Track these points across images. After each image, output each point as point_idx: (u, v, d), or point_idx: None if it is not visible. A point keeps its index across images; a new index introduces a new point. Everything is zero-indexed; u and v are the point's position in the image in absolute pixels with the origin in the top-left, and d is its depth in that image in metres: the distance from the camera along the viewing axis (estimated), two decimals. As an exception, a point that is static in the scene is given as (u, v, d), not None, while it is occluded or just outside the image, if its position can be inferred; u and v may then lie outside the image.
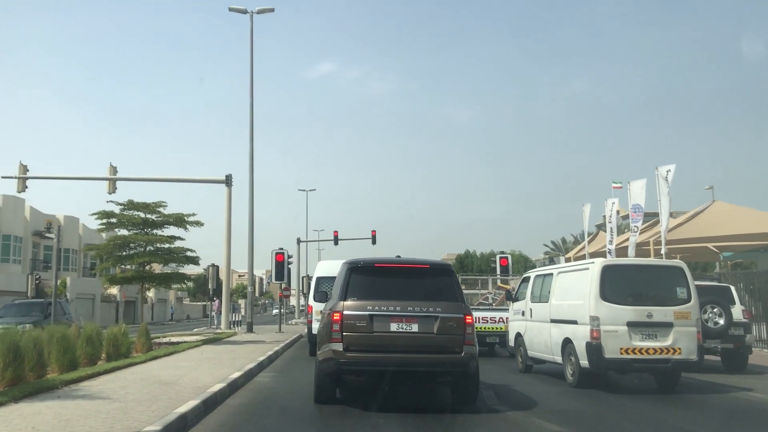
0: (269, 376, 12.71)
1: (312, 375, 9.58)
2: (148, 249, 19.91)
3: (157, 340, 21.88)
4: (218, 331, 28.10)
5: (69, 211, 57.41)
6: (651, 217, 27.41)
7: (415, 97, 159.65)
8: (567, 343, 11.85)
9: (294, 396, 10.12)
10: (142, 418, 7.11)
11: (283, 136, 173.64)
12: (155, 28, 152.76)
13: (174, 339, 22.69)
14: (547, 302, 12.94)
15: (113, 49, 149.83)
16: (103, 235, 22.30)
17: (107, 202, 21.50)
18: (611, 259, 12.47)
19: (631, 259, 15.26)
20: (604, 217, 29.43)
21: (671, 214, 22.05)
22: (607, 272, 11.30)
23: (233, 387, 10.35)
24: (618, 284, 11.32)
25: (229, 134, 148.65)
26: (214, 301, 35.84)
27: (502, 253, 26.79)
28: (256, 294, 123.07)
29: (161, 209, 19.97)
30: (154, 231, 20.20)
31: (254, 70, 27.66)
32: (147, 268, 20.28)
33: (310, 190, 63.54)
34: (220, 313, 35.91)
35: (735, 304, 14.57)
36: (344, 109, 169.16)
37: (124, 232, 20.30)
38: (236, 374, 11.32)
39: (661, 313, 11.01)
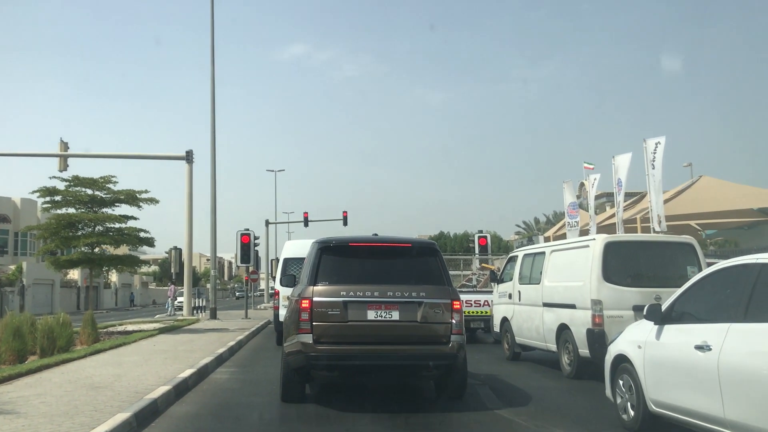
0: (228, 372, 11.20)
1: (279, 369, 8.38)
2: (97, 229, 18.17)
3: (110, 329, 20.32)
4: (179, 317, 26.46)
5: (27, 194, 54.69)
6: (629, 196, 26.49)
7: (388, 79, 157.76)
8: (563, 329, 10.69)
9: (256, 395, 8.83)
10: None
11: (252, 117, 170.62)
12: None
13: (130, 327, 21.05)
14: (538, 284, 11.74)
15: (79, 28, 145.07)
16: (38, 215, 20.48)
17: (50, 178, 19.71)
18: (615, 236, 11.17)
19: (636, 235, 14.04)
20: (578, 197, 28.43)
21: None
22: (611, 250, 10.02)
23: (181, 389, 8.77)
24: (622, 263, 10.09)
25: (194, 115, 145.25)
26: (169, 286, 34.39)
27: (480, 232, 25.46)
28: (225, 278, 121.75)
29: (111, 185, 18.22)
30: (104, 209, 18.46)
31: (225, 52, 25.85)
32: (96, 250, 18.53)
33: (279, 171, 61.58)
34: (176, 299, 34.31)
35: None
36: (316, 91, 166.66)
37: (72, 210, 18.52)
38: (187, 372, 9.75)
39: (670, 295, 9.71)
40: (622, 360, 6.74)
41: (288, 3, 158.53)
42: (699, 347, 5.33)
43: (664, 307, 6.22)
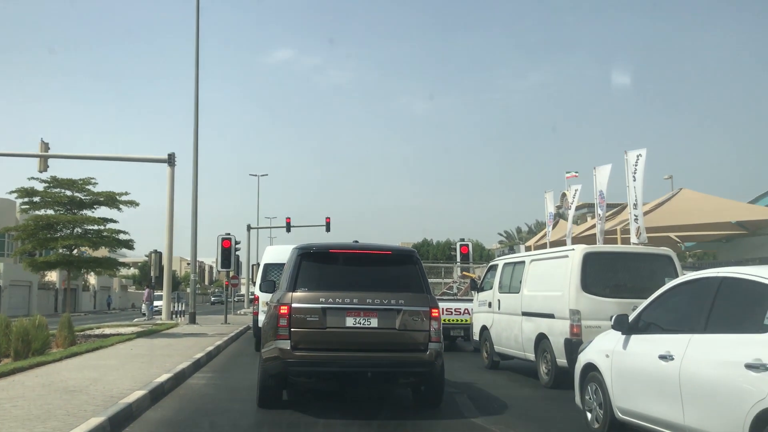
0: (206, 378, 11.10)
1: (257, 374, 8.35)
2: (75, 231, 17.95)
3: (88, 332, 20.03)
4: (158, 322, 26.21)
5: (4, 194, 53.98)
6: (609, 208, 26.64)
7: (374, 86, 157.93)
8: (541, 339, 10.72)
9: (233, 401, 8.79)
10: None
11: (237, 121, 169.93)
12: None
13: (108, 330, 20.78)
14: (518, 293, 11.77)
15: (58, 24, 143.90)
16: (17, 216, 20.18)
17: (29, 179, 19.47)
18: (594, 246, 11.25)
19: (615, 246, 14.11)
20: (557, 207, 28.55)
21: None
22: (590, 260, 10.09)
23: (157, 394, 8.67)
24: (601, 274, 10.16)
25: (177, 118, 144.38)
26: (146, 289, 33.93)
27: (462, 240, 25.51)
28: (205, 282, 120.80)
29: (90, 187, 18.01)
30: (83, 211, 18.23)
31: (210, 55, 25.75)
32: (75, 252, 18.29)
33: (262, 175, 61.24)
34: (152, 303, 33.95)
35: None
36: (301, 96, 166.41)
37: (51, 212, 18.27)
38: (164, 377, 9.66)
39: (648, 306, 9.81)
40: (590, 368, 6.89)
41: (275, 8, 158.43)
42: (663, 357, 5.51)
43: (631, 318, 6.39)
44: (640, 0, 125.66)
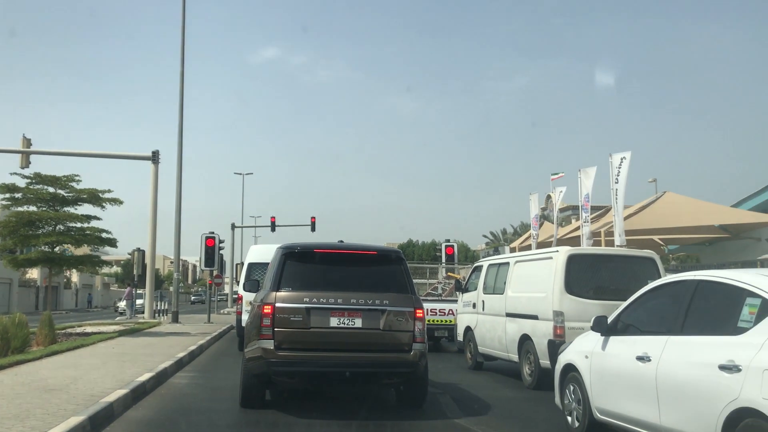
0: (188, 377, 11.02)
1: (240, 374, 8.28)
2: (57, 228, 17.77)
3: (69, 330, 19.87)
4: (141, 320, 26.02)
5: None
6: (594, 210, 26.79)
7: (361, 86, 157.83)
8: (525, 340, 10.74)
9: (215, 401, 8.73)
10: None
11: (222, 120, 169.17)
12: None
13: (90, 329, 20.59)
14: (502, 294, 11.79)
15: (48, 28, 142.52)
16: (-1, 210, 19.97)
17: (10, 174, 19.21)
18: (577, 248, 11.30)
19: (598, 249, 14.21)
20: (542, 209, 28.63)
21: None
22: (573, 262, 10.13)
23: (138, 393, 8.60)
24: (585, 276, 10.20)
25: (161, 116, 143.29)
26: (127, 288, 33.66)
27: (447, 241, 25.53)
28: (189, 281, 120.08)
29: (74, 184, 17.83)
30: (66, 208, 18.06)
31: (196, 51, 25.62)
32: (57, 249, 18.11)
33: (247, 174, 61.15)
34: (133, 302, 33.73)
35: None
36: (287, 95, 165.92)
37: (33, 208, 18.07)
38: (146, 376, 9.57)
39: (630, 308, 9.85)
40: (570, 369, 6.97)
41: (263, 6, 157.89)
42: (640, 358, 5.60)
43: (610, 320, 6.47)
44: (625, 3, 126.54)
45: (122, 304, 38.70)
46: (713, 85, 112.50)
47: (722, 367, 4.65)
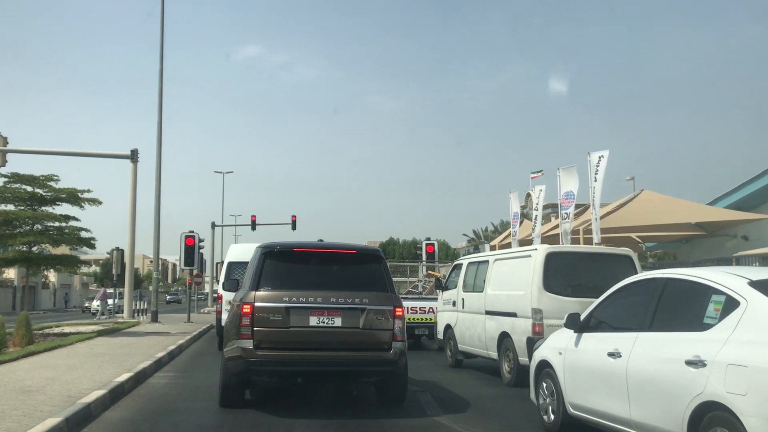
0: (167, 377, 10.97)
1: (219, 374, 8.27)
2: (35, 228, 17.56)
3: (47, 331, 19.64)
4: (120, 320, 25.80)
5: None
6: (576, 207, 26.96)
7: (341, 84, 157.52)
8: (504, 337, 10.82)
9: (195, 401, 8.70)
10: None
11: (202, 118, 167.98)
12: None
13: (68, 329, 20.38)
14: (481, 292, 11.87)
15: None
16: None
17: (-13, 172, 19.01)
18: (556, 246, 11.38)
19: (576, 246, 14.32)
20: (522, 207, 28.77)
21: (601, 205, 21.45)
22: (552, 260, 10.22)
23: (117, 394, 8.56)
24: (563, 274, 10.29)
25: (141, 114, 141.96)
26: (100, 288, 33.28)
27: (428, 239, 25.59)
28: (169, 281, 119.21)
29: (52, 183, 17.62)
30: (44, 208, 17.83)
31: (177, 49, 25.47)
32: (35, 249, 17.89)
33: (227, 173, 60.74)
34: (106, 302, 33.41)
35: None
36: (268, 94, 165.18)
37: (11, 207, 17.83)
38: (124, 376, 9.52)
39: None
40: (545, 365, 7.10)
41: (244, 3, 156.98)
42: (611, 354, 5.74)
43: (582, 317, 6.60)
44: (604, 4, 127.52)
45: (95, 304, 38.19)
46: (688, 85, 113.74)
47: (689, 363, 4.78)
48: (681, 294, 5.47)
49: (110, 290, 34.82)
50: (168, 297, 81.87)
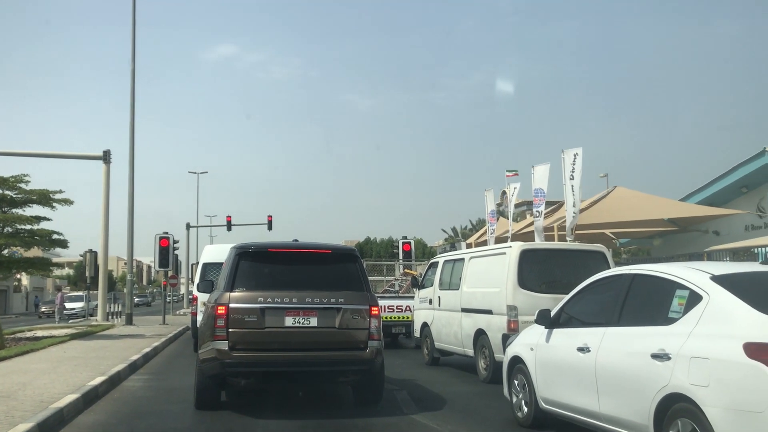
0: (142, 380, 10.88)
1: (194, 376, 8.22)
2: (6, 230, 17.25)
3: (18, 335, 19.41)
4: (94, 323, 25.50)
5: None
6: (547, 205, 27.19)
7: (317, 83, 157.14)
8: (480, 334, 10.89)
9: (170, 403, 8.64)
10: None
11: (176, 117, 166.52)
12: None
13: (40, 333, 20.15)
14: (457, 290, 11.93)
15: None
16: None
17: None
18: (530, 243, 11.48)
19: (550, 243, 14.44)
20: (498, 205, 28.97)
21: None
22: (526, 257, 10.31)
23: (90, 398, 8.47)
24: (537, 270, 10.39)
25: (113, 114, 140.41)
26: (58, 292, 32.37)
27: (405, 238, 25.65)
28: (144, 282, 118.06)
29: (22, 185, 17.32)
30: (14, 210, 17.52)
31: (150, 47, 25.22)
32: (6, 252, 17.57)
33: (202, 173, 60.21)
34: (64, 308, 32.94)
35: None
36: (243, 93, 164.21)
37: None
38: (98, 380, 9.42)
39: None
40: (517, 361, 7.21)
41: (218, 2, 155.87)
42: (580, 349, 5.87)
43: (553, 313, 6.71)
44: (580, 4, 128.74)
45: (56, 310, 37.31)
46: (662, 82, 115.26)
47: (654, 356, 4.91)
48: (647, 289, 5.59)
49: (69, 292, 34.18)
50: (136, 299, 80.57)
